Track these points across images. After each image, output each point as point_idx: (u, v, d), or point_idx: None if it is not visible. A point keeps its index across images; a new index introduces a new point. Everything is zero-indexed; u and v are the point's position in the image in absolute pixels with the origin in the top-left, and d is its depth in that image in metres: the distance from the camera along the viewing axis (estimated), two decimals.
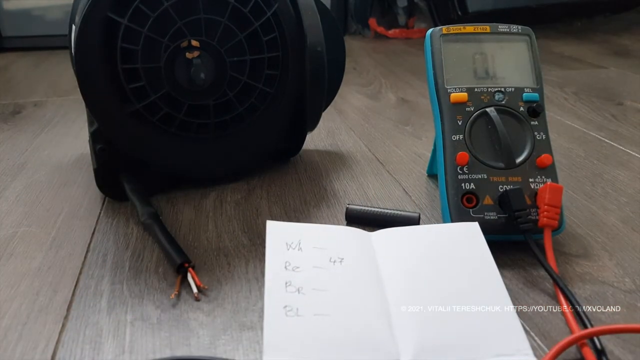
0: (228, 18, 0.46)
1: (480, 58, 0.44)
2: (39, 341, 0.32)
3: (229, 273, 0.39)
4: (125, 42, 0.45)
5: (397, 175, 0.55)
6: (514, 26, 0.45)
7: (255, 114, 0.51)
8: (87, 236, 0.44)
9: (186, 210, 0.49)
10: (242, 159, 0.53)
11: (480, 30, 0.44)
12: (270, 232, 0.36)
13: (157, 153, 0.49)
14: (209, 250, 0.42)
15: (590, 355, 0.30)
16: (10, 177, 0.57)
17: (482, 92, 0.43)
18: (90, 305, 0.35)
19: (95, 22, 0.44)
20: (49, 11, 1.37)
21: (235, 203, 0.50)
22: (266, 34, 0.48)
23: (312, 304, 0.31)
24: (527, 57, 0.44)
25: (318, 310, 0.31)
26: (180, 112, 0.48)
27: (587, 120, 0.72)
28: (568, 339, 0.30)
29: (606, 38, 1.31)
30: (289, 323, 0.30)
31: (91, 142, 0.49)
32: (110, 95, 0.46)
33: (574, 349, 0.31)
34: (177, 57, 0.46)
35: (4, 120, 0.78)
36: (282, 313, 0.30)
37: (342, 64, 0.61)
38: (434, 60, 0.44)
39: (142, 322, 0.34)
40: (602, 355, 0.29)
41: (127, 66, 0.45)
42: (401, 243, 0.37)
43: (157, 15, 0.44)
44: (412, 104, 0.82)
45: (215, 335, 0.32)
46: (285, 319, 0.30)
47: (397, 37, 1.44)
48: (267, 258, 0.34)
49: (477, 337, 0.30)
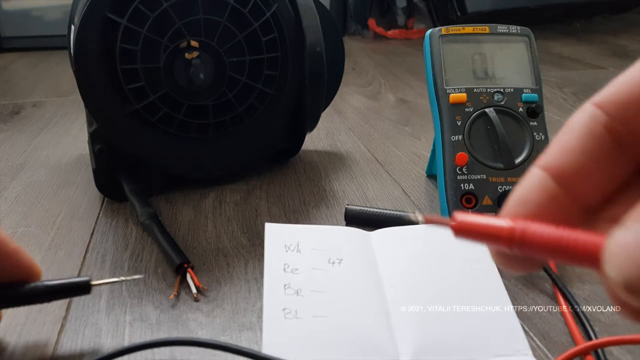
0: (227, 18, 0.46)
1: (479, 58, 0.44)
2: (38, 341, 0.32)
3: (228, 273, 0.39)
4: (125, 43, 0.45)
5: (396, 175, 0.55)
6: (513, 27, 0.45)
7: (254, 115, 0.51)
8: (86, 236, 0.44)
9: (185, 210, 0.49)
10: (241, 159, 0.53)
11: (479, 31, 0.44)
12: (269, 235, 0.36)
13: (156, 153, 0.49)
14: (208, 250, 0.42)
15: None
16: (9, 177, 0.57)
17: (481, 93, 0.43)
18: (89, 305, 0.35)
19: (95, 22, 0.44)
20: (48, 11, 1.37)
21: (235, 203, 0.50)
22: (265, 34, 0.48)
23: (311, 305, 0.31)
24: (526, 58, 0.44)
25: (317, 312, 0.31)
26: (179, 112, 0.48)
27: None
28: (572, 350, 0.30)
29: (605, 39, 1.31)
30: (288, 325, 0.30)
31: (90, 143, 0.49)
32: (110, 95, 0.46)
33: None
34: (176, 58, 0.46)
35: (3, 121, 0.78)
36: (281, 315, 0.30)
37: (341, 64, 0.61)
38: (433, 60, 0.44)
39: (141, 323, 0.34)
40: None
41: (126, 66, 0.45)
42: (400, 243, 0.37)
43: (157, 16, 0.44)
44: (412, 104, 0.82)
45: (215, 336, 0.32)
46: (284, 321, 0.30)
47: (397, 37, 1.44)
48: (265, 261, 0.34)
49: (476, 337, 0.30)
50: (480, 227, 0.17)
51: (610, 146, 0.16)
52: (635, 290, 0.13)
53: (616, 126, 0.16)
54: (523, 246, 0.16)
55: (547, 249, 0.15)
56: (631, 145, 0.16)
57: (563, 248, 0.15)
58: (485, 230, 0.16)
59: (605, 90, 0.16)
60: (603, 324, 0.33)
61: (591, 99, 0.17)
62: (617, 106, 0.16)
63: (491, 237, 0.16)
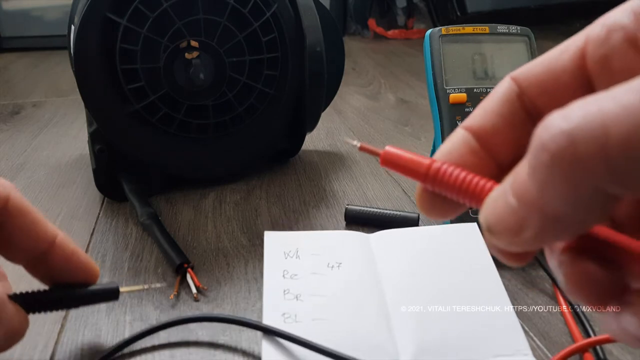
0: (227, 18, 0.46)
1: (479, 58, 0.44)
2: (38, 341, 0.32)
3: (228, 273, 0.39)
4: (125, 43, 0.45)
5: (396, 175, 0.55)
6: (513, 27, 0.45)
7: (254, 115, 0.51)
8: (86, 237, 0.44)
9: (185, 210, 0.49)
10: (241, 159, 0.53)
11: (479, 31, 0.44)
12: (268, 243, 0.36)
13: (156, 153, 0.49)
14: (208, 250, 0.42)
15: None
16: (9, 177, 0.57)
17: (481, 93, 0.43)
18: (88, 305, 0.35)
19: (95, 22, 0.44)
20: (48, 11, 1.37)
21: (235, 203, 0.50)
22: (265, 34, 0.48)
23: (311, 309, 0.31)
24: (527, 58, 0.44)
25: (316, 316, 0.31)
26: (179, 112, 0.48)
27: None
28: (571, 347, 0.30)
29: None
30: (288, 329, 0.30)
31: (90, 143, 0.49)
32: (110, 95, 0.46)
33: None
34: (176, 58, 0.46)
35: (3, 121, 0.78)
36: (281, 320, 0.31)
37: (341, 64, 0.61)
38: (433, 60, 0.44)
39: (141, 323, 0.34)
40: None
41: (126, 66, 0.45)
42: (400, 244, 0.37)
43: (157, 16, 0.44)
44: (411, 104, 0.82)
45: (214, 336, 0.32)
46: (284, 325, 0.30)
47: (396, 37, 1.45)
48: (265, 268, 0.34)
49: (476, 337, 0.30)
50: (404, 159, 0.19)
51: (521, 113, 0.19)
52: (493, 231, 0.16)
53: (524, 98, 0.19)
54: (435, 181, 0.18)
55: (453, 187, 0.18)
56: (535, 115, 0.19)
57: (464, 189, 0.17)
58: (406, 163, 0.19)
59: (523, 67, 0.19)
60: None
61: (511, 72, 0.19)
62: (526, 82, 0.19)
63: (410, 170, 0.19)
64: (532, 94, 0.18)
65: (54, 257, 0.28)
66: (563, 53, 0.18)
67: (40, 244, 0.27)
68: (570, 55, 0.18)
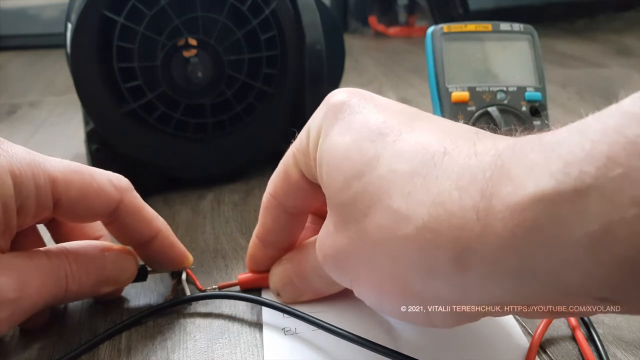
0: (226, 16, 0.46)
1: (481, 57, 0.44)
2: (34, 345, 0.32)
3: (226, 275, 0.38)
4: (122, 41, 0.44)
5: None
6: (516, 25, 0.44)
7: (253, 114, 0.50)
8: None
9: (183, 211, 0.48)
10: (240, 159, 0.52)
11: (481, 29, 0.44)
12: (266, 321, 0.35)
13: (153, 153, 0.49)
14: (207, 252, 0.41)
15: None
16: None
17: (483, 92, 0.42)
18: (85, 307, 0.35)
19: (91, 20, 0.44)
20: (44, 10, 1.36)
21: (233, 204, 0.49)
22: (264, 32, 0.48)
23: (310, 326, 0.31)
24: (530, 56, 0.44)
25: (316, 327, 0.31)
26: (177, 111, 0.47)
27: None
28: None
29: (609, 37, 1.30)
30: (288, 339, 0.31)
31: (87, 142, 0.49)
32: (106, 94, 0.46)
33: (574, 348, 0.30)
34: (174, 56, 0.46)
35: None
36: (281, 333, 0.31)
37: (341, 62, 0.61)
38: (435, 59, 0.43)
39: (137, 325, 0.33)
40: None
41: (124, 65, 0.45)
42: None
43: (154, 14, 0.44)
44: (413, 103, 0.81)
45: (213, 339, 0.32)
46: (284, 336, 0.31)
47: (398, 35, 1.44)
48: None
49: (475, 337, 0.30)
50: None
51: (286, 215, 0.31)
52: (279, 292, 0.33)
53: (280, 205, 0.31)
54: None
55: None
56: (295, 213, 0.31)
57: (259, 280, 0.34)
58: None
59: (273, 184, 0.32)
60: (607, 326, 0.32)
61: (268, 191, 0.31)
62: (276, 196, 0.31)
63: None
64: (283, 202, 0.31)
65: (154, 247, 0.34)
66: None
67: (143, 237, 0.33)
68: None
